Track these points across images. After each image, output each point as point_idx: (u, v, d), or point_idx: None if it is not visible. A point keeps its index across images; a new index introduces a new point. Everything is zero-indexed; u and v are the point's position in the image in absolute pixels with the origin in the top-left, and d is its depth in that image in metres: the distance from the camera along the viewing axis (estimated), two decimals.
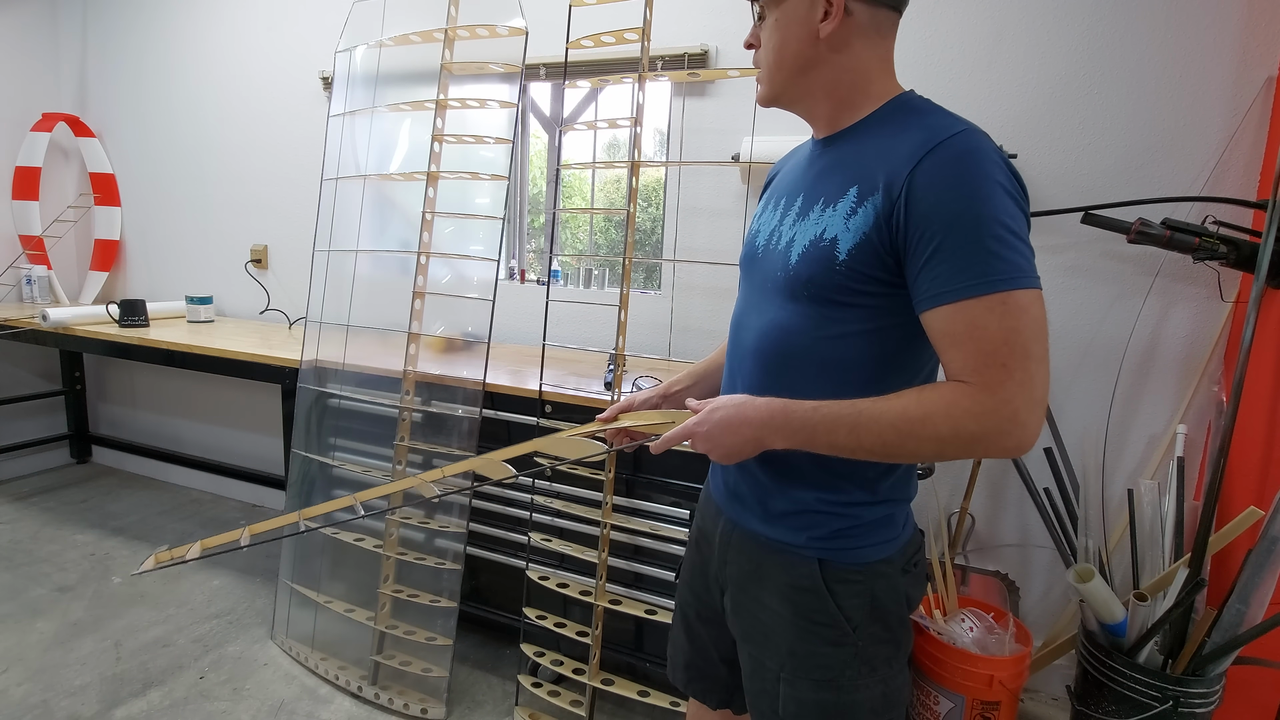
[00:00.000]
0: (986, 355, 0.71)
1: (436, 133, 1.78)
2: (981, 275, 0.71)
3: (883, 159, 0.78)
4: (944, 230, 0.72)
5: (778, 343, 0.87)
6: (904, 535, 0.90)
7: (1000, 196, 0.72)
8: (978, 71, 1.83)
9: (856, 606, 0.86)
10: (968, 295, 0.71)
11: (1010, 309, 0.70)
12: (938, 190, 0.72)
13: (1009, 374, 0.70)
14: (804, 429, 0.79)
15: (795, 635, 0.88)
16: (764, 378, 0.88)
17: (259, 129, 2.90)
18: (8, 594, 2.26)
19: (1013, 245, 0.71)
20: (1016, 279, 0.71)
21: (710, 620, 1.04)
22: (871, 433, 0.75)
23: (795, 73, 0.85)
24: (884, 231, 0.76)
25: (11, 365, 3.23)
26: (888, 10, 0.83)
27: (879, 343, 0.82)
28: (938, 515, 1.89)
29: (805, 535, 0.87)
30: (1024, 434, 0.71)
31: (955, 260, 0.72)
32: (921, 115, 0.80)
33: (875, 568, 0.87)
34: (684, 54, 2.08)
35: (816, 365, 0.84)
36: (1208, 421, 1.70)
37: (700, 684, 1.11)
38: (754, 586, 0.93)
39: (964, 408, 0.72)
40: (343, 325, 1.96)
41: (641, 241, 2.52)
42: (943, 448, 0.74)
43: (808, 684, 0.88)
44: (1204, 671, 1.38)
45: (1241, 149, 1.62)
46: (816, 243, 0.82)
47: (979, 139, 0.74)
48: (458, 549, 1.81)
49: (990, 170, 0.73)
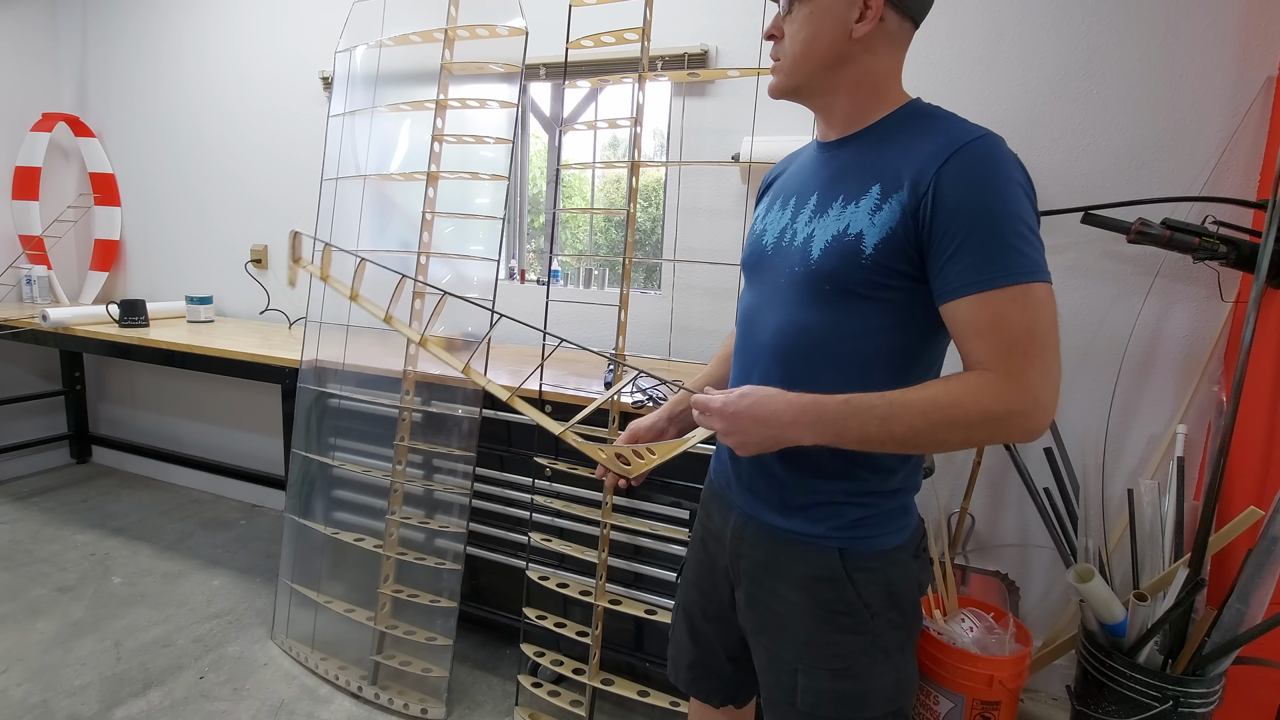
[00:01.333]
0: (1010, 344, 0.75)
1: (436, 133, 1.78)
2: (1004, 269, 0.75)
3: (906, 159, 0.81)
4: (969, 226, 0.76)
5: (797, 338, 0.88)
6: (913, 522, 0.94)
7: (1020, 196, 0.77)
8: (978, 71, 1.83)
9: (875, 594, 0.89)
10: (991, 287, 0.75)
11: (1031, 300, 0.74)
12: (964, 188, 0.76)
13: (1030, 362, 0.74)
14: (836, 422, 0.80)
15: (813, 625, 0.90)
16: (784, 373, 0.89)
17: (259, 129, 2.90)
18: (8, 594, 2.26)
19: (1031, 241, 0.76)
20: (1035, 273, 0.75)
21: (716, 618, 1.05)
22: (902, 422, 0.77)
23: (823, 67, 0.87)
24: (910, 227, 0.79)
25: (11, 365, 3.23)
26: (911, 24, 0.88)
27: (900, 336, 0.84)
28: (938, 515, 1.89)
29: (825, 525, 0.90)
30: (1044, 417, 0.75)
31: (980, 254, 0.75)
32: (941, 120, 0.84)
33: (891, 555, 0.90)
34: (684, 54, 2.08)
35: (837, 359, 0.86)
36: (1208, 421, 1.70)
37: (705, 683, 1.11)
38: (769, 579, 0.94)
39: (990, 394, 0.75)
40: (343, 325, 1.96)
41: (641, 241, 2.52)
42: (970, 433, 0.77)
43: (825, 674, 0.90)
44: (1204, 671, 1.38)
45: (1241, 149, 1.62)
46: (840, 238, 0.84)
47: (1000, 143, 0.80)
48: (458, 549, 1.81)
49: (1011, 172, 0.78)
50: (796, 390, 0.84)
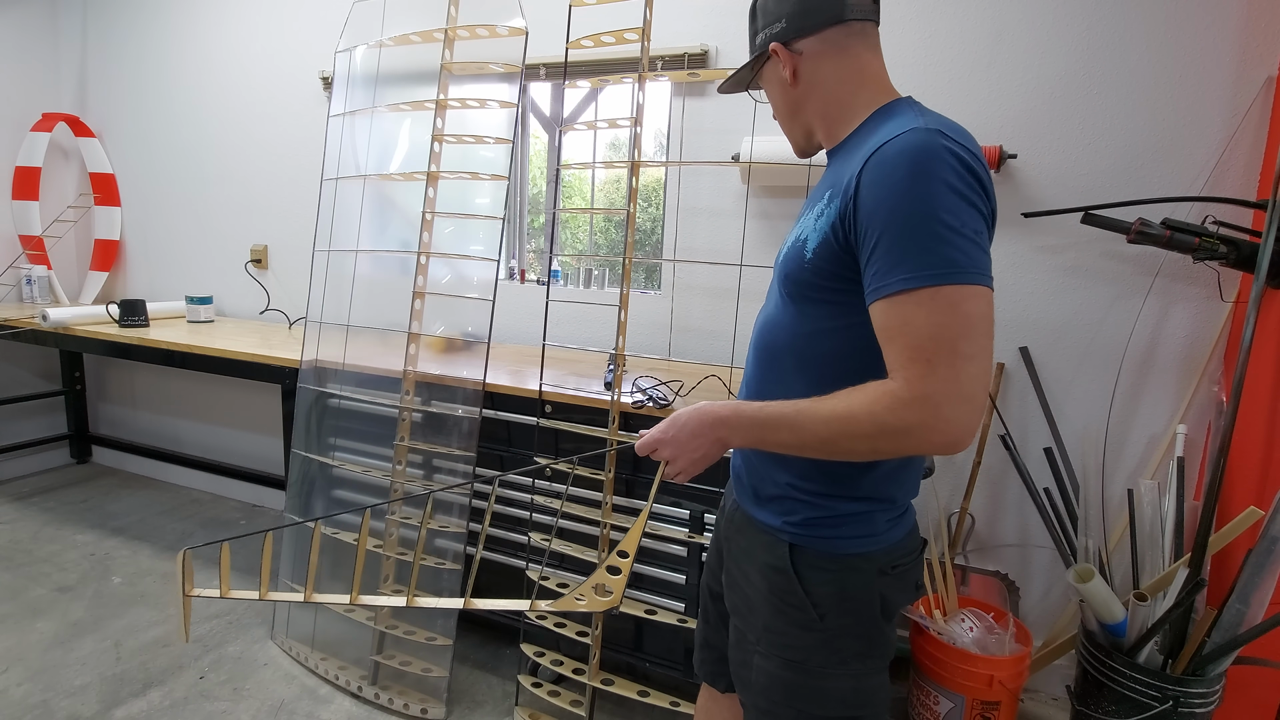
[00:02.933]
0: (912, 350, 0.72)
1: (436, 133, 1.78)
2: (913, 270, 0.71)
3: (850, 164, 0.82)
4: (882, 226, 0.74)
5: (768, 337, 0.94)
6: (888, 537, 0.90)
7: (942, 193, 0.72)
8: (978, 71, 1.83)
9: (824, 595, 0.89)
10: (898, 289, 0.72)
11: (939, 304, 0.71)
12: (877, 187, 0.75)
13: (932, 369, 0.71)
14: (754, 427, 0.84)
15: (770, 612, 0.92)
16: (758, 369, 0.95)
17: (259, 129, 2.90)
18: (8, 594, 2.26)
19: (949, 241, 0.71)
20: (950, 274, 0.71)
21: (718, 597, 1.10)
22: (809, 430, 0.79)
23: (790, 118, 0.96)
24: (839, 230, 0.80)
25: (11, 365, 3.23)
26: (836, 28, 0.87)
27: (849, 339, 0.84)
28: (938, 515, 1.89)
29: (782, 519, 0.92)
30: (951, 430, 0.71)
31: (891, 255, 0.73)
32: (889, 121, 0.82)
33: (849, 561, 0.88)
34: (684, 54, 2.08)
35: (798, 359, 0.89)
36: (1208, 421, 1.70)
37: (712, 665, 1.15)
38: (745, 562, 0.98)
39: (885, 405, 0.73)
40: (343, 325, 1.96)
41: (641, 241, 2.52)
42: (874, 443, 0.75)
43: (778, 660, 0.92)
44: (1204, 671, 1.38)
45: (1241, 149, 1.62)
46: (795, 244, 0.88)
47: (927, 136, 0.74)
48: (458, 549, 1.81)
49: (932, 167, 0.72)
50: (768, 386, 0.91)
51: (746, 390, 0.99)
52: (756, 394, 0.95)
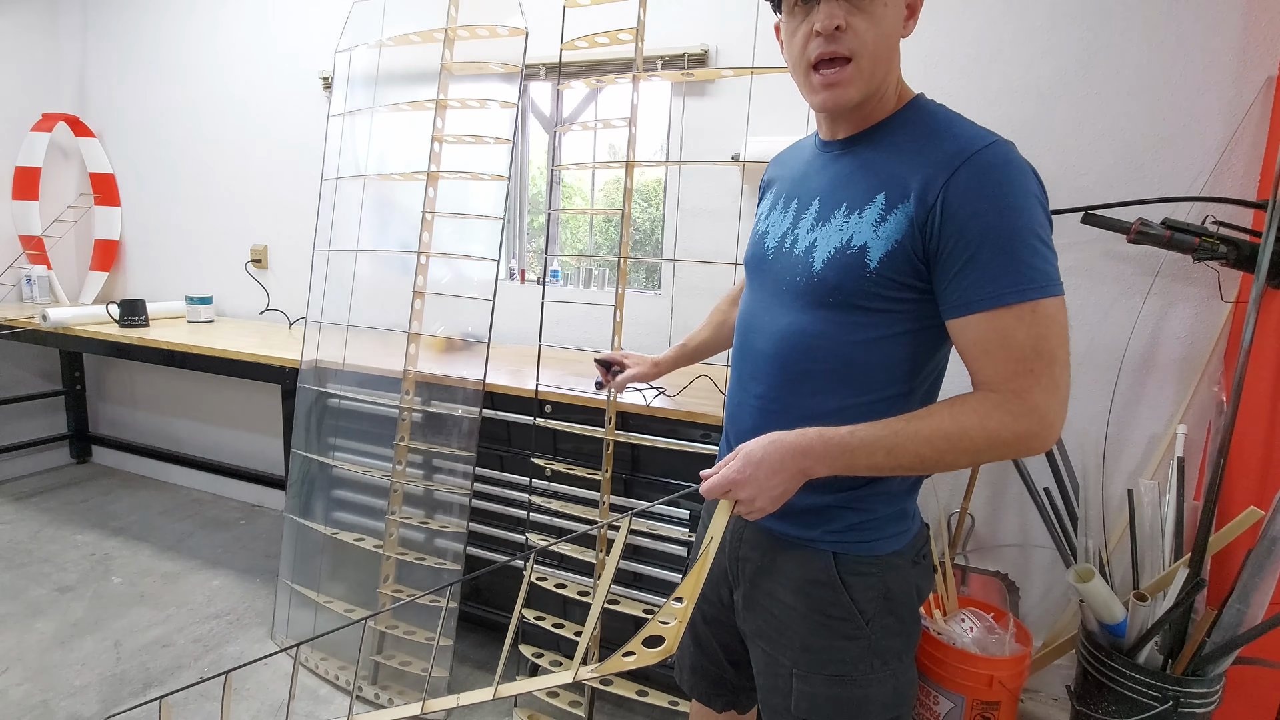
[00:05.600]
0: (1016, 363, 0.74)
1: (436, 133, 1.78)
2: (1013, 285, 0.73)
3: (912, 166, 0.78)
4: (979, 241, 0.74)
5: (799, 347, 0.86)
6: (914, 527, 0.93)
7: (1034, 207, 0.74)
8: (978, 71, 1.82)
9: (870, 599, 0.88)
10: (999, 304, 0.73)
11: (1039, 317, 0.73)
12: (974, 201, 0.74)
13: (1036, 380, 0.74)
14: (843, 455, 0.78)
15: (809, 630, 0.89)
16: (784, 381, 0.88)
17: (259, 128, 2.90)
18: (8, 594, 2.26)
19: (1042, 254, 0.74)
20: (1046, 287, 0.73)
21: (716, 620, 1.05)
22: (909, 452, 0.77)
23: (887, 68, 0.82)
24: (916, 240, 0.77)
25: (11, 365, 3.23)
26: None
27: (903, 346, 0.83)
28: (938, 515, 1.89)
29: (820, 529, 0.89)
30: (1052, 435, 0.75)
31: (988, 270, 0.73)
32: (948, 123, 0.81)
33: (888, 560, 0.89)
34: (684, 54, 2.08)
35: (838, 368, 0.84)
36: (1208, 421, 1.69)
37: (706, 687, 1.11)
38: (767, 581, 0.93)
39: (997, 419, 0.75)
40: (343, 325, 1.96)
41: (641, 242, 2.52)
42: (978, 457, 0.77)
43: (821, 679, 0.88)
44: (1204, 671, 1.38)
45: (1241, 149, 1.61)
46: (843, 250, 0.81)
47: (1012, 151, 0.76)
48: (458, 549, 1.81)
49: (1024, 182, 0.75)
50: (797, 399, 0.85)
51: (765, 405, 0.90)
52: (783, 409, 0.88)
